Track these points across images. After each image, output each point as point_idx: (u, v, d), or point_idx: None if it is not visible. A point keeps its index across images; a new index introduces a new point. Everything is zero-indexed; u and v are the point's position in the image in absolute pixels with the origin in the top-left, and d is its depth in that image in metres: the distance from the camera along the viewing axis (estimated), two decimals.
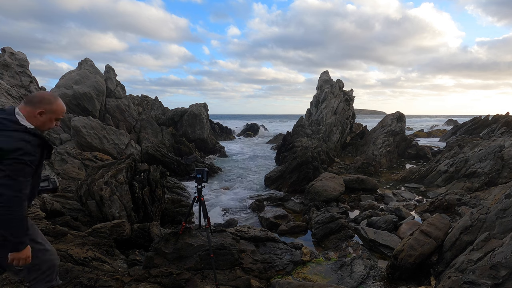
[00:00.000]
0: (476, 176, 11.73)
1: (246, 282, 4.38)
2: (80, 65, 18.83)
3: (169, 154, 16.36)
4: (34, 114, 2.15)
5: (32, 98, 2.19)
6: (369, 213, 8.88)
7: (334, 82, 26.37)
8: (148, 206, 6.87)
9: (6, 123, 2.03)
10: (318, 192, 10.46)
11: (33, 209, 4.50)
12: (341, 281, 4.70)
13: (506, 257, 3.50)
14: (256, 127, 53.92)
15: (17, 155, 1.95)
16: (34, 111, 2.15)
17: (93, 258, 4.06)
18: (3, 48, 16.34)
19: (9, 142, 1.95)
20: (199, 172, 4.28)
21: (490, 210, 4.77)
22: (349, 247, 6.18)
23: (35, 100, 2.18)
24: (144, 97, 43.57)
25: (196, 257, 4.43)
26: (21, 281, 2.70)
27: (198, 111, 25.73)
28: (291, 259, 5.06)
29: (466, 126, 30.93)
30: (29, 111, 2.15)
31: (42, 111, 2.17)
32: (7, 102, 13.73)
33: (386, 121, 22.71)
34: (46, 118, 2.20)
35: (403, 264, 4.85)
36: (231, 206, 10.64)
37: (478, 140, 19.11)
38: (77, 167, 10.56)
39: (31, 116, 2.15)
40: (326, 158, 17.21)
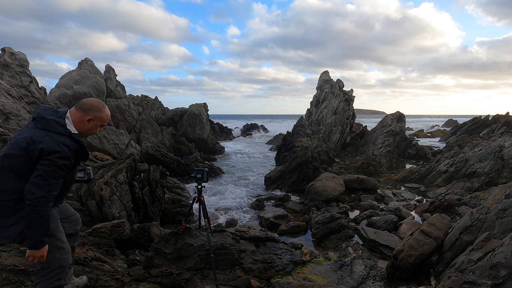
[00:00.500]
0: (476, 176, 11.73)
1: (246, 282, 4.38)
2: (80, 65, 18.83)
3: (169, 154, 16.36)
4: (83, 120, 2.28)
5: (83, 105, 2.31)
6: (369, 213, 8.88)
7: (334, 82, 26.37)
8: (148, 206, 6.87)
9: (54, 125, 2.15)
10: (318, 192, 10.46)
11: None
12: (341, 281, 4.70)
13: (506, 257, 3.50)
14: (256, 127, 53.95)
15: (54, 157, 2.05)
16: (84, 117, 2.28)
17: (93, 258, 4.06)
18: (3, 48, 16.34)
19: (52, 145, 2.06)
20: (199, 172, 4.28)
21: (490, 210, 4.77)
22: (349, 247, 6.18)
23: (86, 107, 2.29)
24: (144, 97, 43.57)
25: (196, 257, 4.43)
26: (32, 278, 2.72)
27: (198, 111, 25.73)
28: (291, 259, 5.06)
29: (466, 126, 30.93)
30: (79, 117, 2.27)
31: (91, 118, 2.30)
32: (7, 102, 13.73)
33: (386, 121, 22.71)
34: (93, 124, 2.33)
35: (403, 264, 4.85)
36: (231, 206, 10.64)
37: (478, 140, 19.11)
38: None
39: (81, 121, 2.27)
40: (326, 158, 17.21)
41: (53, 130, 2.12)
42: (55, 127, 2.13)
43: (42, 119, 2.16)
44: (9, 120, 13.54)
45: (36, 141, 2.05)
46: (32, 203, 2.00)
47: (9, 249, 3.73)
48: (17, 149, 2.07)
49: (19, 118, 14.08)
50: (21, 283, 3.34)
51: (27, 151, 2.05)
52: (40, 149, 2.03)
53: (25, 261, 3.57)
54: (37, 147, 2.04)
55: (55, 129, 2.13)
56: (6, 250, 3.70)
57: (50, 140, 2.07)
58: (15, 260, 3.51)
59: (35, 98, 15.86)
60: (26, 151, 2.06)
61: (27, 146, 2.06)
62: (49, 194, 2.05)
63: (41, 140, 2.06)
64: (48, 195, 2.04)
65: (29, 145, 2.05)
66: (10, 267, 3.40)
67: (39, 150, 2.03)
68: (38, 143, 2.04)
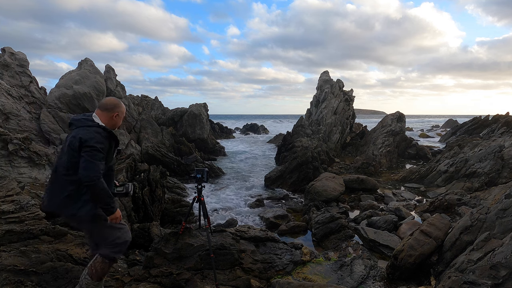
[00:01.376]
0: (476, 176, 11.73)
1: (246, 282, 4.38)
2: (80, 65, 18.82)
3: (169, 154, 16.36)
4: (111, 116, 2.82)
5: (107, 105, 2.82)
6: (369, 213, 8.88)
7: (334, 82, 26.37)
8: (148, 206, 6.87)
9: (85, 121, 2.68)
10: (318, 192, 10.46)
11: (33, 209, 4.50)
12: (341, 281, 4.70)
13: (506, 257, 3.50)
14: (256, 127, 53.95)
15: (93, 143, 2.54)
16: (111, 114, 2.82)
17: None
18: (3, 48, 16.34)
19: (87, 134, 2.58)
20: (199, 172, 4.28)
21: (490, 210, 4.77)
22: (349, 247, 6.18)
23: (110, 106, 2.82)
24: (144, 97, 43.57)
25: (196, 257, 4.43)
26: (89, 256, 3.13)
27: (198, 111, 25.73)
28: (291, 259, 5.06)
29: (466, 126, 30.93)
30: (107, 115, 2.80)
31: (117, 114, 2.85)
32: (7, 102, 13.73)
33: (386, 121, 22.71)
34: (119, 118, 2.89)
35: (403, 264, 4.85)
36: (231, 206, 10.64)
37: (478, 140, 19.11)
38: None
39: (109, 118, 2.81)
40: (326, 158, 17.21)
41: (85, 125, 2.65)
42: (86, 122, 2.67)
43: (75, 121, 2.70)
44: (9, 120, 13.54)
45: (76, 136, 2.58)
46: (89, 183, 2.51)
47: (9, 249, 3.73)
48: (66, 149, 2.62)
49: (19, 118, 14.08)
50: (21, 283, 3.34)
51: (72, 147, 2.57)
52: (79, 138, 2.55)
53: (25, 261, 3.57)
54: (76, 138, 2.56)
55: (86, 124, 2.66)
56: (6, 250, 3.70)
57: (85, 131, 2.59)
58: (15, 260, 3.51)
59: (35, 98, 15.86)
60: (72, 148, 2.57)
61: (71, 143, 2.59)
62: (98, 172, 2.53)
63: (78, 133, 2.59)
64: (97, 173, 2.53)
65: (72, 142, 2.58)
66: (10, 267, 3.40)
67: (79, 140, 2.54)
68: (76, 136, 2.57)
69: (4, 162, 8.30)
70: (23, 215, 4.29)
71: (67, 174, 2.60)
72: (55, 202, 2.64)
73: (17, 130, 13.10)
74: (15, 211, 4.30)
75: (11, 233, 3.99)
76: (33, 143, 9.51)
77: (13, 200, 4.47)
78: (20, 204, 4.42)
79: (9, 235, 3.97)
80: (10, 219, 4.17)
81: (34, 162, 8.87)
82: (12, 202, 4.42)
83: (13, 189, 4.76)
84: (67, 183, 2.61)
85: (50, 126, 14.98)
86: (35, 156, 8.92)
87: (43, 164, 9.08)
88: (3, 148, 8.34)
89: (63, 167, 2.61)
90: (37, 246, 3.88)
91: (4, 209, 4.22)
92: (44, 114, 15.17)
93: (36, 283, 3.44)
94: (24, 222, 4.22)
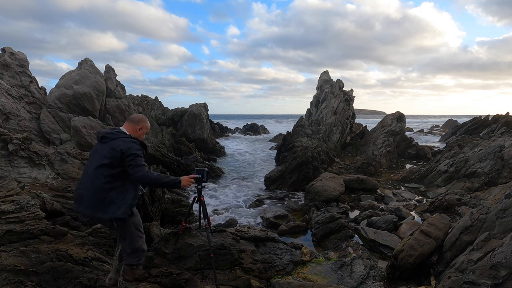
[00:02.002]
0: (476, 176, 11.73)
1: (246, 282, 4.38)
2: (80, 65, 18.82)
3: (169, 154, 16.36)
4: (136, 129, 3.20)
5: (134, 119, 3.25)
6: (369, 213, 8.88)
7: (334, 82, 26.36)
8: (148, 206, 6.86)
9: (118, 134, 3.05)
10: (318, 192, 10.46)
11: (33, 209, 4.50)
12: (341, 281, 4.70)
13: (506, 257, 3.50)
14: (256, 127, 53.94)
15: (133, 151, 2.92)
16: (136, 127, 3.21)
17: (93, 258, 4.06)
18: (3, 48, 16.33)
19: (126, 144, 2.95)
20: (199, 172, 4.27)
21: (490, 210, 4.77)
22: (349, 247, 6.18)
23: (136, 120, 3.23)
24: (144, 97, 43.57)
25: (196, 257, 4.43)
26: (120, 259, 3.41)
27: (198, 111, 25.73)
28: (291, 259, 5.06)
29: (466, 126, 30.91)
30: (132, 127, 3.19)
31: (141, 128, 3.24)
32: (7, 102, 13.73)
33: (386, 121, 22.71)
34: (142, 132, 3.26)
35: (403, 264, 4.85)
36: (231, 206, 10.64)
37: (478, 140, 19.10)
38: (77, 167, 10.54)
39: (134, 130, 3.19)
40: (326, 158, 17.22)
41: (119, 137, 3.01)
42: (119, 135, 3.04)
43: (109, 135, 3.04)
44: (9, 120, 13.54)
45: (116, 148, 2.92)
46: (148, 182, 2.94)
47: (9, 249, 3.73)
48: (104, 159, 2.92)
49: (19, 118, 14.09)
50: (21, 283, 3.34)
51: (111, 157, 2.90)
52: (120, 150, 2.90)
53: (25, 261, 3.57)
54: (116, 151, 2.90)
55: (120, 136, 3.02)
56: (6, 250, 3.70)
57: (123, 142, 2.96)
58: (15, 260, 3.51)
59: (35, 98, 15.86)
60: (111, 158, 2.90)
61: (111, 155, 2.90)
62: (146, 171, 2.93)
63: (118, 145, 2.93)
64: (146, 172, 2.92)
65: (112, 154, 2.91)
66: (10, 267, 3.40)
67: (120, 152, 2.90)
68: (117, 148, 2.91)
69: (4, 162, 8.30)
70: (23, 215, 4.29)
71: (108, 182, 2.92)
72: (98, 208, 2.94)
73: (17, 130, 13.10)
74: (15, 211, 4.29)
75: (11, 233, 3.99)
76: (33, 143, 9.50)
77: (13, 200, 4.47)
78: (20, 204, 4.42)
79: (9, 235, 3.97)
80: (10, 219, 4.16)
81: (34, 162, 8.87)
82: (12, 202, 4.42)
83: (13, 189, 4.75)
84: (107, 190, 2.92)
85: (50, 126, 14.98)
86: (35, 156, 8.91)
87: (43, 164, 9.08)
88: (3, 148, 8.34)
89: (103, 176, 2.92)
90: (37, 246, 3.88)
91: (4, 209, 4.22)
92: (44, 114, 15.17)
93: (36, 283, 3.44)
94: (24, 222, 4.22)
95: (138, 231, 3.22)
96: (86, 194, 2.97)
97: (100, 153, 2.98)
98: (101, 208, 2.93)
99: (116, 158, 2.90)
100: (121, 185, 2.98)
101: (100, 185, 2.91)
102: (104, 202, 2.91)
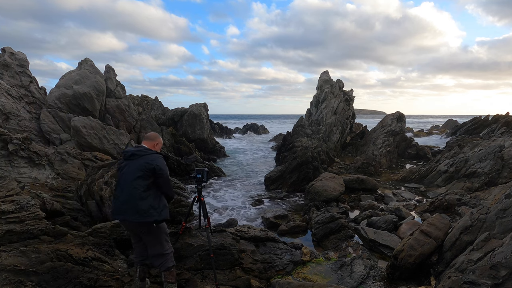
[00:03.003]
0: (476, 176, 11.73)
1: (246, 282, 4.38)
2: (80, 65, 18.80)
3: (169, 154, 16.36)
4: (153, 145, 3.73)
5: (150, 137, 3.79)
6: (369, 213, 8.88)
7: (334, 82, 26.35)
8: None
9: (146, 150, 3.58)
10: (318, 192, 10.45)
11: (33, 209, 4.50)
12: (341, 281, 4.70)
13: (506, 257, 3.50)
14: (256, 127, 53.94)
15: (165, 168, 3.56)
16: (153, 143, 3.74)
17: (93, 258, 4.06)
18: (3, 48, 16.33)
19: (159, 161, 3.54)
20: (199, 172, 4.28)
21: (490, 210, 4.77)
22: (349, 247, 6.18)
23: (152, 138, 3.78)
24: (144, 97, 43.53)
25: (196, 257, 4.43)
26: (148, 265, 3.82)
27: (198, 111, 25.72)
28: (291, 259, 5.06)
29: (466, 126, 30.91)
30: (150, 144, 3.72)
31: (157, 143, 3.78)
32: (7, 102, 13.73)
33: (386, 121, 22.71)
34: (158, 146, 3.78)
35: (403, 264, 4.85)
36: (231, 206, 10.64)
37: (478, 140, 19.10)
38: (77, 167, 10.55)
39: (152, 146, 3.71)
40: (326, 158, 17.21)
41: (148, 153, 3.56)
42: (147, 151, 3.58)
43: (139, 152, 3.55)
44: (9, 120, 13.55)
45: (151, 163, 3.46)
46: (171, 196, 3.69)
47: (9, 249, 3.73)
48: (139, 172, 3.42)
49: (19, 118, 14.08)
50: (21, 283, 3.34)
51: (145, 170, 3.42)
52: (155, 164, 3.46)
53: (25, 261, 3.57)
54: (151, 165, 3.45)
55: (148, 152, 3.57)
56: (6, 250, 3.70)
57: (157, 158, 3.54)
58: (15, 260, 3.51)
59: (35, 98, 15.86)
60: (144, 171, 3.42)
61: (146, 168, 3.43)
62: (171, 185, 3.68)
63: (152, 159, 3.50)
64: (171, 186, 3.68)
65: (147, 167, 3.43)
66: (10, 267, 3.40)
67: (154, 166, 3.45)
68: (152, 162, 3.47)
69: (4, 162, 8.30)
70: (23, 215, 4.29)
71: (147, 190, 3.43)
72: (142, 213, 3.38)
73: (17, 130, 13.10)
74: (15, 211, 4.29)
75: (11, 233, 3.99)
76: (33, 143, 9.51)
77: (13, 200, 4.47)
78: (20, 204, 4.42)
79: (9, 235, 3.97)
80: (10, 219, 4.17)
81: (34, 162, 8.87)
82: (12, 202, 4.42)
83: (13, 189, 4.75)
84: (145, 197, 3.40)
85: (50, 126, 14.98)
86: (35, 156, 8.92)
87: (43, 164, 9.08)
88: (3, 148, 8.34)
89: (140, 186, 3.41)
90: (37, 246, 3.88)
91: (4, 209, 4.22)
92: (44, 114, 15.17)
93: (36, 283, 3.44)
94: (24, 222, 4.22)
95: (166, 235, 3.69)
96: (127, 205, 3.41)
97: (134, 168, 3.47)
98: (144, 213, 3.38)
99: (149, 170, 3.43)
100: (155, 193, 3.48)
101: (138, 194, 3.38)
102: (147, 208, 3.39)
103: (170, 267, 3.62)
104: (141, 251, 3.69)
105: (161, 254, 3.57)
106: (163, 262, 3.58)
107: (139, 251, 3.70)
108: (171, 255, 3.68)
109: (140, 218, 3.38)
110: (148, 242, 3.58)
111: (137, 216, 3.37)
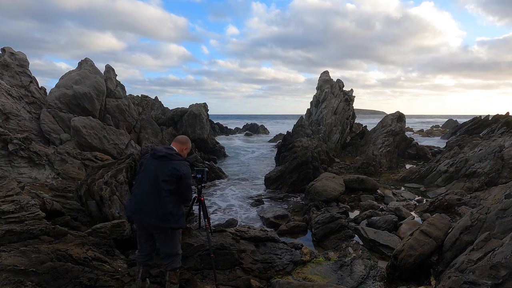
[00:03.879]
0: (476, 176, 11.72)
1: (246, 282, 4.38)
2: (80, 65, 18.80)
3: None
4: (182, 149, 3.76)
5: (180, 140, 3.82)
6: (369, 213, 8.88)
7: (334, 82, 26.35)
8: None
9: (176, 156, 3.53)
10: (318, 192, 10.45)
11: (33, 209, 4.50)
12: (341, 281, 4.70)
13: (506, 257, 3.50)
14: (256, 127, 53.95)
15: (190, 176, 3.56)
16: (183, 147, 3.78)
17: (93, 258, 4.06)
18: (3, 48, 16.33)
19: (186, 168, 3.52)
20: (199, 172, 4.28)
21: (490, 210, 4.77)
22: (349, 247, 6.18)
23: (182, 141, 3.81)
24: (144, 97, 43.52)
25: (196, 257, 4.43)
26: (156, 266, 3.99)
27: (198, 111, 25.72)
28: (291, 259, 5.06)
29: (466, 126, 30.90)
30: (180, 147, 3.73)
31: (186, 148, 3.83)
32: (7, 102, 13.73)
33: (386, 121, 22.71)
34: (186, 151, 3.83)
35: (403, 264, 4.85)
36: (231, 206, 10.64)
37: (478, 140, 19.10)
38: (77, 167, 10.55)
39: (181, 150, 3.72)
40: (326, 158, 17.21)
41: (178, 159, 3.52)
42: (177, 157, 3.53)
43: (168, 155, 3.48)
44: (9, 120, 13.54)
45: (179, 169, 3.42)
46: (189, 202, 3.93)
47: (9, 249, 3.73)
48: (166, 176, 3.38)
49: (19, 118, 14.08)
50: (21, 283, 3.34)
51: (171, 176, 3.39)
52: (182, 172, 3.44)
53: (25, 261, 3.57)
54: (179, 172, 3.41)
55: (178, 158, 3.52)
56: (6, 250, 3.70)
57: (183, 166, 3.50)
58: (15, 260, 3.51)
59: (35, 98, 15.86)
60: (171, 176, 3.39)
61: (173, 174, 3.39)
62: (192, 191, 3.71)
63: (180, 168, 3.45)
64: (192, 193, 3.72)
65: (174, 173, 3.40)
66: (10, 267, 3.40)
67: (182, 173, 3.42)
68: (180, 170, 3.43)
69: (4, 162, 8.30)
70: (23, 215, 4.29)
71: (169, 195, 3.40)
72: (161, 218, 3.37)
73: (17, 130, 13.10)
74: (15, 211, 4.29)
75: (11, 233, 3.99)
76: (33, 143, 9.51)
77: (13, 200, 4.47)
78: (20, 204, 4.42)
79: (9, 235, 3.97)
80: (10, 219, 4.17)
81: (34, 162, 8.87)
82: (12, 202, 4.42)
83: (13, 189, 4.75)
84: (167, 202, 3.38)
85: (50, 126, 14.97)
86: (35, 156, 8.91)
87: (43, 164, 9.08)
88: (3, 148, 8.34)
89: (164, 190, 3.37)
90: (37, 246, 3.88)
91: (4, 209, 4.22)
92: (44, 114, 15.17)
93: (36, 283, 3.44)
94: (24, 222, 4.22)
95: (179, 236, 3.75)
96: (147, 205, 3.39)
97: (161, 171, 3.41)
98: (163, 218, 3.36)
99: (175, 177, 3.40)
100: (176, 200, 3.48)
101: (162, 198, 3.37)
102: (166, 213, 3.37)
103: (176, 268, 3.66)
104: (146, 252, 3.67)
105: (172, 254, 3.61)
106: (172, 262, 3.62)
107: (144, 252, 3.67)
108: (180, 256, 3.73)
109: (158, 223, 3.37)
110: (160, 241, 3.60)
111: (155, 220, 3.36)
